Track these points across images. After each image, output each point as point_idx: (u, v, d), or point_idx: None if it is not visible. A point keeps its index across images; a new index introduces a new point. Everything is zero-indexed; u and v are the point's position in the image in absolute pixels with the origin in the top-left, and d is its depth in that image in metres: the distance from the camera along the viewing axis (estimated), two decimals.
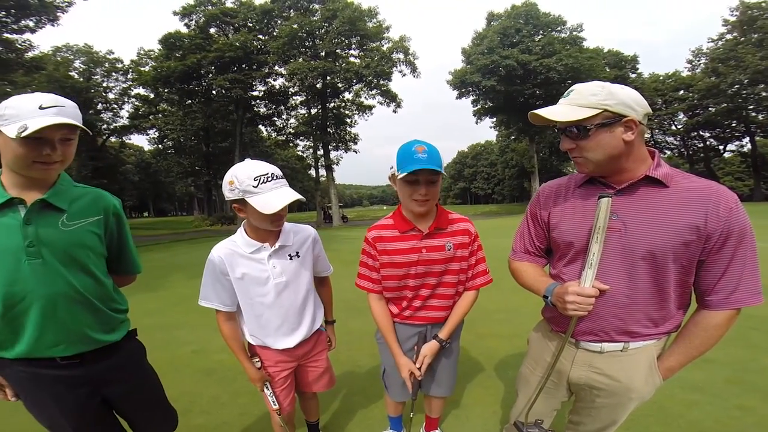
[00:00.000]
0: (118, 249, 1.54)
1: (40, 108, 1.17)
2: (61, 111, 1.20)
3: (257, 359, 1.85)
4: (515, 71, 28.67)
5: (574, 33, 31.27)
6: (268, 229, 1.71)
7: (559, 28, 31.22)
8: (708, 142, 39.03)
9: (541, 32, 30.76)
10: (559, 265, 1.39)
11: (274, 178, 1.59)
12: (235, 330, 1.83)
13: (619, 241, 1.21)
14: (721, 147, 39.11)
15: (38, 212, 1.27)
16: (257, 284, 1.74)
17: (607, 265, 1.22)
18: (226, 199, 1.66)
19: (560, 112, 1.16)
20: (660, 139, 41.26)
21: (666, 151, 41.76)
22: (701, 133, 38.12)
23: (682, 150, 40.99)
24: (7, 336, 1.30)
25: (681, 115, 37.97)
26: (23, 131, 1.12)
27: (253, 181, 1.54)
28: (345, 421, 2.62)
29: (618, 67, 36.45)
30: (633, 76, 37.77)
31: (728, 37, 30.93)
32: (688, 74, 36.59)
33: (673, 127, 39.64)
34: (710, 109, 33.84)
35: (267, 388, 1.87)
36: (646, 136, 1.25)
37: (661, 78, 38.74)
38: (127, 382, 1.55)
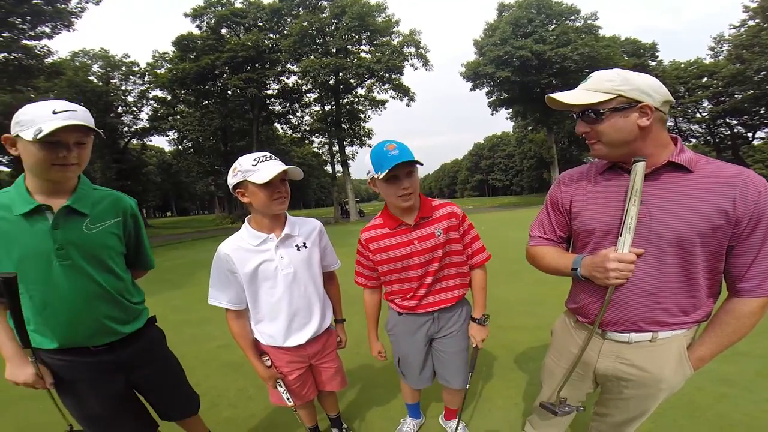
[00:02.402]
0: (135, 247, 1.66)
1: (54, 113, 1.27)
2: (73, 115, 1.29)
3: (267, 358, 1.85)
4: (530, 61, 28.14)
5: (589, 21, 30.46)
6: (270, 211, 1.71)
7: (572, 17, 30.44)
8: (735, 130, 37.59)
9: (554, 22, 30.06)
10: (582, 255, 1.38)
11: (272, 158, 1.67)
12: (245, 328, 1.85)
13: (645, 227, 1.19)
14: (749, 134, 37.64)
15: (64, 217, 1.38)
16: (266, 277, 1.75)
17: None
18: (230, 186, 1.71)
19: (574, 95, 1.19)
20: (684, 127, 39.97)
21: (691, 140, 40.44)
22: (728, 120, 36.78)
23: (708, 138, 39.62)
24: (45, 331, 1.42)
25: (705, 103, 36.65)
26: (39, 134, 1.22)
27: (252, 161, 1.64)
28: (366, 412, 2.66)
29: (636, 55, 35.43)
30: (653, 63, 36.65)
31: (750, 23, 29.68)
32: (711, 61, 35.28)
33: (698, 115, 38.34)
34: (736, 96, 32.62)
35: (279, 385, 1.88)
36: (669, 124, 1.23)
37: (682, 65, 37.43)
38: (151, 365, 1.69)
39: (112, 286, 1.49)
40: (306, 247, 1.82)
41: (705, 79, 35.69)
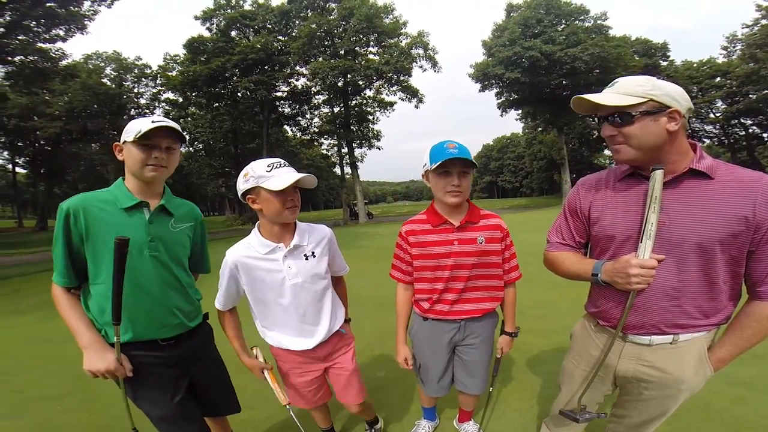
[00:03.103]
0: (199, 251, 1.86)
1: (152, 122, 1.49)
2: (165, 122, 1.51)
3: (255, 349, 1.94)
4: (539, 62, 27.97)
5: (599, 21, 30.23)
6: (283, 220, 1.68)
7: (582, 17, 30.20)
8: (750, 130, 37.01)
9: (563, 22, 29.87)
10: (602, 260, 1.39)
11: (286, 165, 1.65)
12: (234, 320, 1.89)
13: (666, 234, 1.21)
14: (765, 135, 37.01)
15: (157, 214, 1.58)
16: (273, 286, 1.73)
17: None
18: (240, 192, 1.67)
19: (607, 97, 1.19)
20: (698, 127, 39.45)
21: (705, 140, 39.91)
22: (742, 120, 36.22)
23: (723, 138, 39.06)
24: (123, 319, 1.46)
25: (719, 103, 36.17)
26: (138, 134, 1.46)
27: (266, 167, 1.60)
28: (381, 413, 2.65)
29: (648, 55, 35.03)
30: (664, 63, 36.22)
31: (764, 22, 29.21)
32: (724, 61, 34.84)
33: (712, 115, 37.81)
34: (750, 96, 32.23)
35: (268, 378, 1.86)
36: None
37: (695, 65, 36.99)
38: (206, 359, 1.81)
39: (184, 280, 1.67)
40: (314, 257, 1.79)
41: (718, 79, 35.22)
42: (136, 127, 1.50)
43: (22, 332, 5.12)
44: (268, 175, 1.58)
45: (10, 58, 17.44)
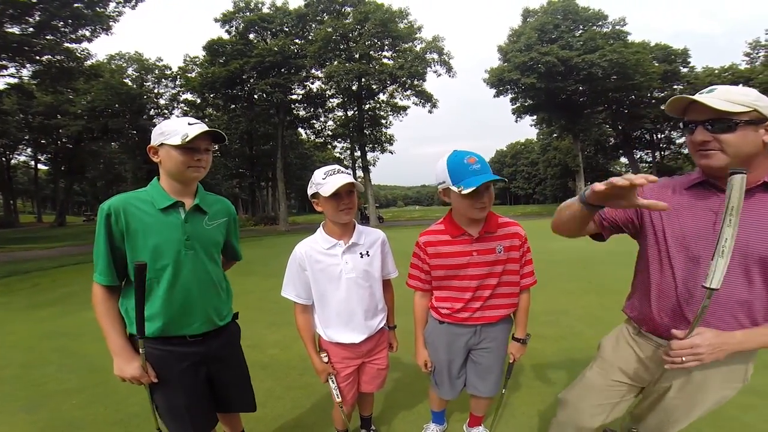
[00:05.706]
0: (232, 242, 1.90)
1: (189, 124, 1.54)
2: (202, 126, 1.55)
3: (325, 354, 1.98)
4: (556, 68, 27.78)
5: (617, 27, 29.93)
6: (338, 220, 1.85)
7: (600, 23, 29.98)
8: None
9: (581, 27, 29.70)
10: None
11: (340, 172, 1.80)
12: (309, 322, 1.99)
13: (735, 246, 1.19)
14: None
15: (192, 213, 1.63)
16: (331, 278, 1.90)
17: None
18: (310, 198, 1.90)
19: (714, 101, 1.15)
20: None
21: None
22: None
23: None
24: (159, 315, 1.55)
25: None
26: (186, 138, 1.49)
27: (323, 175, 1.79)
28: (390, 416, 2.69)
29: (668, 62, 34.43)
30: (684, 70, 35.55)
31: None
32: (747, 67, 34.03)
33: None
34: None
35: (332, 381, 1.99)
36: None
37: (716, 72, 36.25)
38: (230, 358, 1.84)
39: (216, 277, 1.72)
40: (369, 255, 1.95)
41: (741, 86, 34.43)
42: (176, 130, 1.52)
43: (41, 326, 5.17)
44: (323, 182, 1.77)
45: (38, 57, 17.97)
